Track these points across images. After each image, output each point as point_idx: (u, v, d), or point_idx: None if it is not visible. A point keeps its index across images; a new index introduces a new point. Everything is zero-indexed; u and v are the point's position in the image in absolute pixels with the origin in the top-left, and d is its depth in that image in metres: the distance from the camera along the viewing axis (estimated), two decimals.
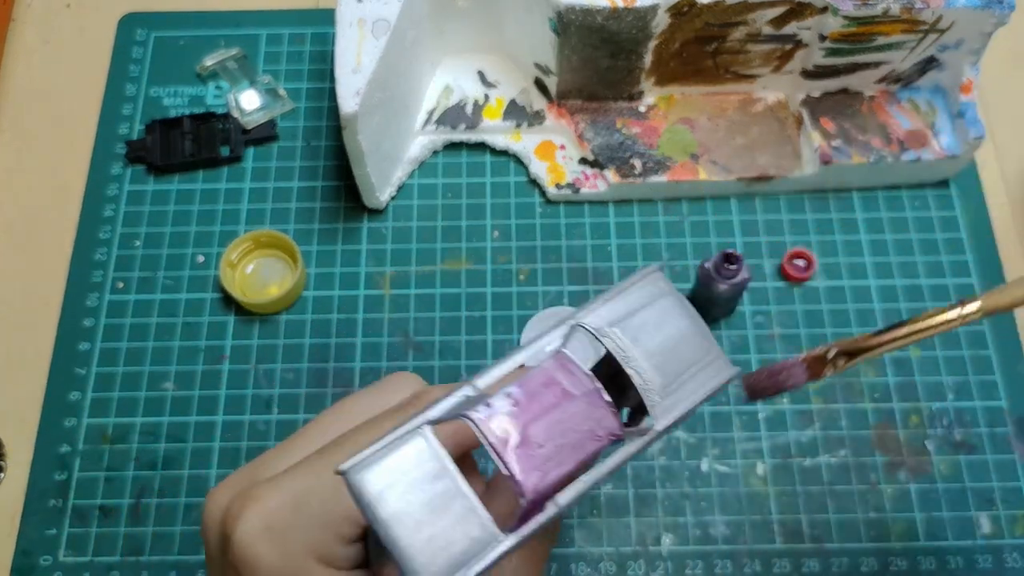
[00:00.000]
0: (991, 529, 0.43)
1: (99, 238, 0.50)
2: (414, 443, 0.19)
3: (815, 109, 0.50)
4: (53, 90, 0.55)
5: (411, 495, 0.19)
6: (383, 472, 0.19)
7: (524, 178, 0.51)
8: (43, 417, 0.46)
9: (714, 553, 0.43)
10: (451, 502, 0.19)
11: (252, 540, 0.22)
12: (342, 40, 0.43)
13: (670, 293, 0.23)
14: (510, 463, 0.19)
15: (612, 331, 0.21)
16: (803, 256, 0.48)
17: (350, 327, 0.47)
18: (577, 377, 0.20)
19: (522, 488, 0.19)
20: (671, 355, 0.22)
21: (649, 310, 0.22)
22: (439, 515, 0.19)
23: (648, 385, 0.21)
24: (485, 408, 0.19)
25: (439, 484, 0.19)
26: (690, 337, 0.22)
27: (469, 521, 0.19)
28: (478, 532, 0.19)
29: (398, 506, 0.19)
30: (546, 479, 0.19)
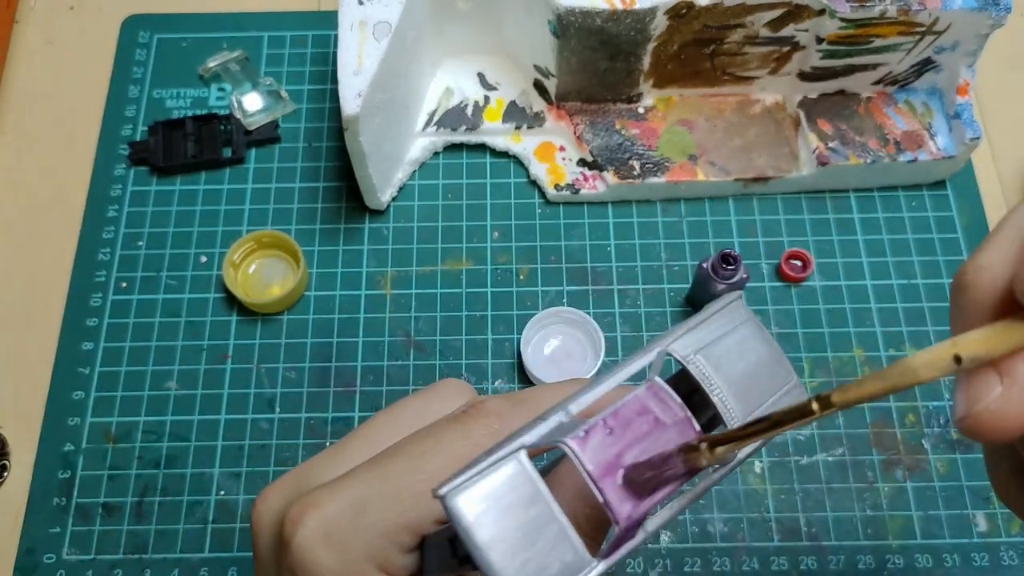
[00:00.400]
0: (987, 527, 0.43)
1: (102, 238, 0.50)
2: (508, 467, 0.20)
3: (812, 111, 0.50)
4: (56, 91, 0.55)
5: (506, 520, 0.19)
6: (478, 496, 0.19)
7: (524, 179, 0.52)
8: (47, 416, 0.46)
9: (712, 550, 0.43)
10: (545, 527, 0.19)
11: (312, 546, 0.22)
12: (344, 42, 0.44)
13: (751, 322, 0.23)
14: (606, 491, 0.19)
15: (697, 358, 0.22)
16: (800, 257, 0.49)
17: (352, 327, 0.48)
18: (669, 406, 0.21)
19: (616, 516, 0.19)
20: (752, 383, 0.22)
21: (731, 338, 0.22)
22: (533, 540, 0.19)
23: (731, 413, 0.21)
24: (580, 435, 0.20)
25: (533, 509, 0.19)
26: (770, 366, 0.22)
27: (562, 546, 0.19)
28: (571, 557, 0.19)
29: (494, 531, 0.19)
30: (639, 507, 0.19)
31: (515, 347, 0.47)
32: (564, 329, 0.47)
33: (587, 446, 0.19)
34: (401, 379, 0.47)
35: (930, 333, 0.48)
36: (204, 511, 0.44)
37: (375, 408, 0.46)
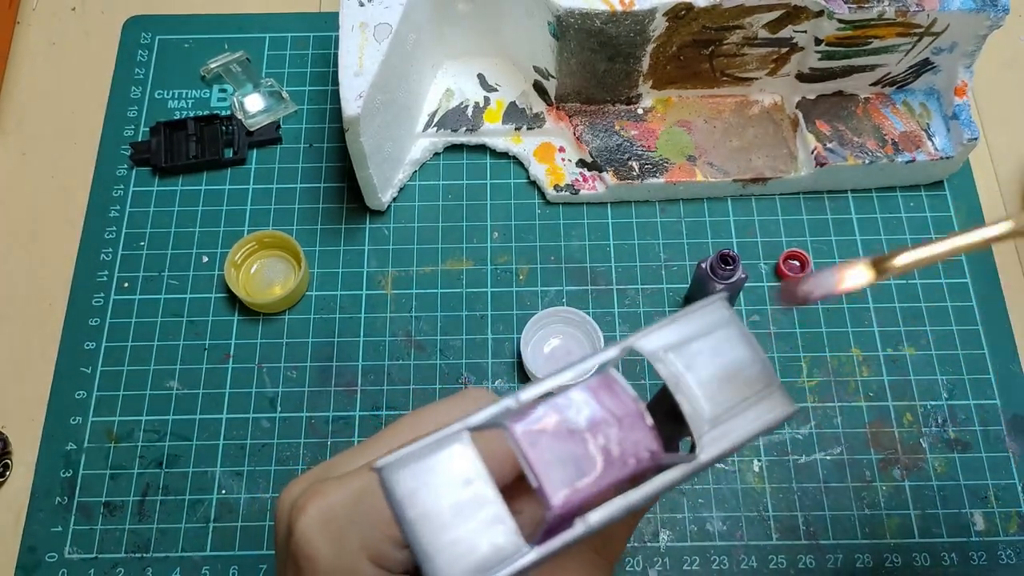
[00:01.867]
0: (985, 526, 0.44)
1: (104, 238, 0.50)
2: (452, 447, 0.19)
3: (810, 111, 0.51)
4: (58, 92, 0.55)
5: (441, 497, 0.19)
6: (417, 472, 0.19)
7: (524, 180, 0.52)
8: (49, 415, 0.46)
9: (711, 549, 0.43)
10: (480, 508, 0.19)
11: (311, 533, 0.23)
12: (345, 44, 0.44)
13: (732, 323, 0.22)
14: (540, 475, 0.19)
15: (666, 356, 0.21)
16: (798, 257, 0.49)
17: (353, 326, 0.48)
18: (620, 397, 0.20)
19: (549, 501, 0.19)
20: (725, 385, 0.21)
21: (708, 338, 0.21)
22: (466, 520, 0.19)
23: (697, 414, 0.21)
24: (523, 419, 0.19)
25: (470, 489, 0.19)
26: (747, 369, 0.21)
27: (495, 529, 0.19)
28: (502, 540, 0.19)
29: (426, 507, 0.19)
30: (575, 495, 0.19)
31: (515, 347, 0.47)
32: (564, 329, 0.47)
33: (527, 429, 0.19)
34: (402, 379, 0.47)
35: (928, 333, 0.48)
36: (206, 510, 0.44)
37: (376, 407, 0.46)
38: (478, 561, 0.18)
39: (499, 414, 0.20)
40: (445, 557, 0.18)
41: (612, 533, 0.25)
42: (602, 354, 0.21)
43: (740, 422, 0.21)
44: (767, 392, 0.21)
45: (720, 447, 0.21)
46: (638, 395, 0.20)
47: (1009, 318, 0.48)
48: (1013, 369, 0.47)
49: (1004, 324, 0.48)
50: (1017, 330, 0.48)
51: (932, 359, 0.47)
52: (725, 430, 0.21)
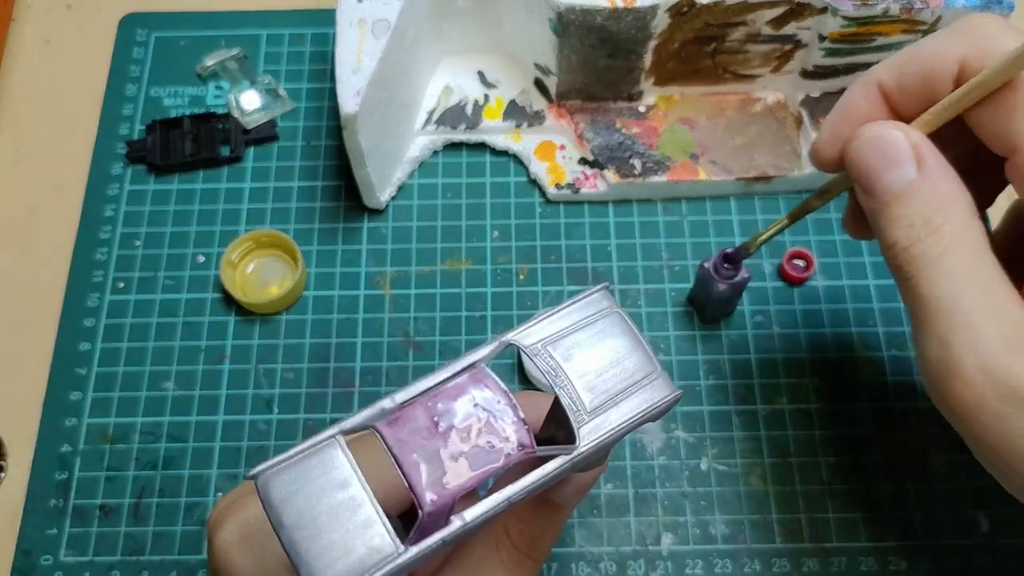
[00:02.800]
0: (989, 528, 0.43)
1: (99, 238, 0.50)
2: (326, 452, 0.20)
3: (814, 109, 0.50)
4: (53, 90, 0.55)
5: (316, 502, 0.19)
6: (292, 479, 0.19)
7: (524, 178, 0.51)
8: (44, 417, 0.46)
9: (714, 552, 0.43)
10: (355, 511, 0.19)
11: (229, 548, 0.23)
12: (342, 40, 0.43)
13: (612, 311, 0.22)
14: (410, 475, 0.19)
15: (545, 349, 0.21)
16: (802, 256, 0.48)
17: (351, 327, 0.48)
18: (491, 391, 0.20)
19: (422, 500, 0.19)
20: (605, 376, 0.21)
21: (587, 330, 0.22)
22: (341, 523, 0.19)
23: (575, 406, 0.21)
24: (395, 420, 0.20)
25: (344, 493, 0.19)
26: (628, 358, 0.22)
27: (370, 530, 0.19)
28: (378, 542, 0.19)
29: (301, 512, 0.19)
30: (447, 491, 0.19)
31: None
32: None
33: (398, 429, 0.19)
34: (400, 380, 0.46)
35: None
36: (202, 513, 0.44)
37: None
38: (354, 563, 0.19)
39: (372, 415, 0.20)
40: (321, 562, 0.18)
41: (537, 530, 0.25)
42: (476, 353, 0.21)
43: (621, 410, 0.21)
44: (648, 380, 0.22)
45: (597, 435, 0.21)
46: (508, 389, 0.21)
47: None
48: None
49: None
50: None
51: None
52: (604, 420, 0.21)
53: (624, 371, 0.22)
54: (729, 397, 0.46)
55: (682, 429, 0.45)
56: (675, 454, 0.45)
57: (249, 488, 0.25)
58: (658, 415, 0.22)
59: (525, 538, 0.24)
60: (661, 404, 0.22)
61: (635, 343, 0.22)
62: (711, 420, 0.45)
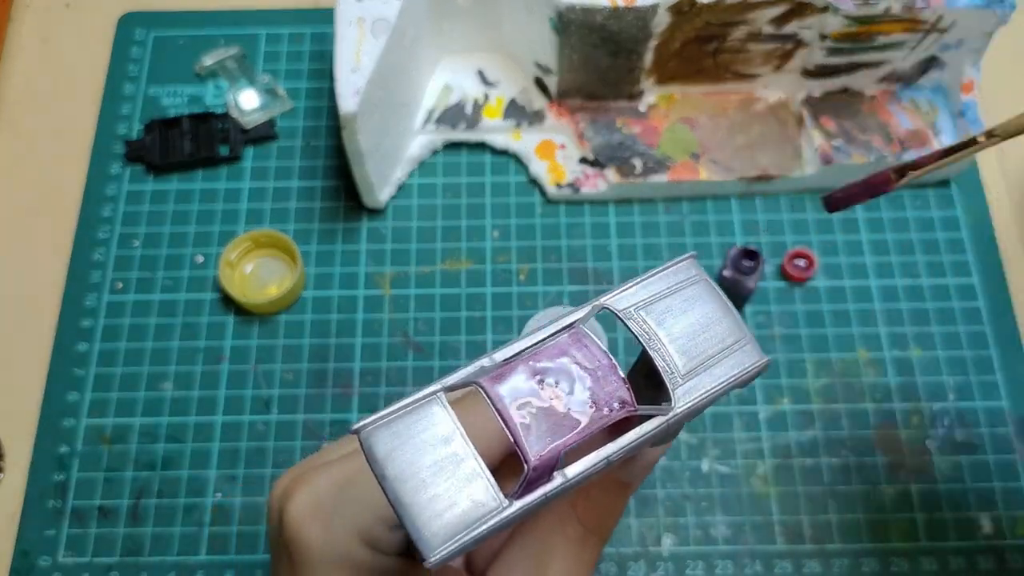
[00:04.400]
0: (992, 530, 0.43)
1: (98, 238, 0.50)
2: (428, 408, 0.20)
3: (816, 108, 0.50)
4: (52, 89, 0.55)
5: (419, 456, 0.19)
6: (395, 433, 0.19)
7: (524, 178, 0.51)
8: (42, 418, 0.45)
9: (715, 554, 0.43)
10: (458, 465, 0.19)
11: (301, 519, 0.23)
12: (341, 39, 0.43)
13: (701, 279, 0.23)
14: (515, 431, 0.19)
15: (637, 313, 0.22)
16: (804, 256, 0.48)
17: (350, 327, 0.47)
18: (591, 351, 0.21)
19: (526, 455, 0.19)
20: (697, 340, 0.22)
21: (678, 295, 0.22)
22: (445, 477, 0.19)
23: (670, 368, 0.21)
24: (497, 377, 0.20)
25: (448, 447, 0.19)
26: (718, 323, 0.22)
27: (474, 484, 0.19)
28: (482, 496, 0.19)
29: (405, 466, 0.19)
30: (551, 447, 0.19)
31: None
32: None
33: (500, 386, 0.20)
34: (399, 380, 0.46)
35: (935, 335, 0.47)
36: (201, 513, 0.43)
37: (373, 409, 0.45)
38: (459, 516, 0.19)
39: (474, 373, 0.20)
40: (425, 514, 0.19)
41: (604, 507, 0.25)
42: (574, 313, 0.22)
43: (713, 374, 0.22)
44: (738, 346, 0.22)
45: (691, 397, 0.21)
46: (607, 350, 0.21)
47: (1016, 319, 0.48)
48: (1020, 371, 0.46)
49: (1011, 325, 0.47)
50: None
51: (939, 360, 0.47)
52: (698, 383, 0.21)
53: (715, 336, 0.22)
54: (730, 398, 0.46)
55: (683, 430, 0.45)
56: (676, 455, 0.44)
57: (312, 462, 0.25)
58: (747, 380, 0.22)
59: (592, 515, 0.24)
60: (752, 369, 0.22)
61: (724, 309, 0.22)
62: (712, 421, 0.45)
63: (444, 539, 0.18)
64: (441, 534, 0.19)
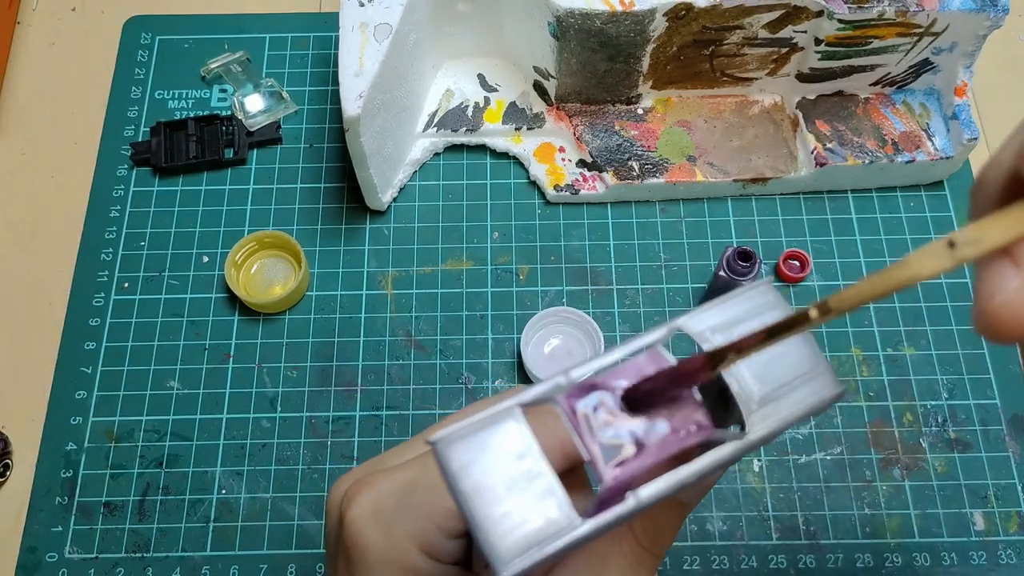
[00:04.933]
0: (985, 526, 0.44)
1: (105, 239, 0.50)
2: (504, 423, 0.20)
3: (810, 111, 0.51)
4: (59, 93, 0.55)
5: (494, 471, 0.19)
6: (470, 446, 0.19)
7: (524, 180, 0.52)
8: (49, 415, 0.46)
9: (711, 549, 0.43)
10: (532, 482, 0.19)
11: (362, 522, 0.23)
12: (345, 44, 0.44)
13: (778, 305, 0.22)
14: (591, 448, 0.19)
15: (713, 337, 0.21)
16: (798, 257, 0.49)
17: (353, 326, 0.48)
18: None
19: (601, 475, 0.19)
20: (773, 366, 0.21)
21: (754, 321, 0.22)
22: (519, 493, 0.19)
23: (745, 394, 0.21)
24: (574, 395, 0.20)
25: (522, 464, 0.19)
26: (795, 351, 0.22)
27: (547, 502, 0.19)
28: (555, 514, 0.19)
29: (479, 480, 0.19)
30: (626, 469, 0.19)
31: (515, 347, 0.47)
32: (564, 329, 0.47)
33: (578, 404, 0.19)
34: (402, 378, 0.47)
35: (928, 333, 0.48)
36: (206, 510, 0.44)
37: (376, 407, 0.46)
38: (531, 533, 0.19)
39: (550, 390, 0.20)
40: (499, 529, 0.18)
41: (661, 526, 0.25)
42: (650, 334, 0.21)
43: (788, 402, 0.21)
44: (815, 373, 0.21)
45: (769, 425, 0.21)
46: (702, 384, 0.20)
47: None
48: (1013, 369, 0.47)
49: None
50: None
51: (932, 359, 0.47)
52: (772, 410, 0.21)
53: (790, 363, 0.21)
54: None
55: None
56: None
57: (375, 466, 0.25)
58: (822, 409, 0.22)
59: (648, 533, 0.24)
60: (827, 399, 0.22)
61: (802, 336, 0.22)
62: None
63: (517, 555, 0.18)
64: (514, 550, 0.18)
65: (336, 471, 0.45)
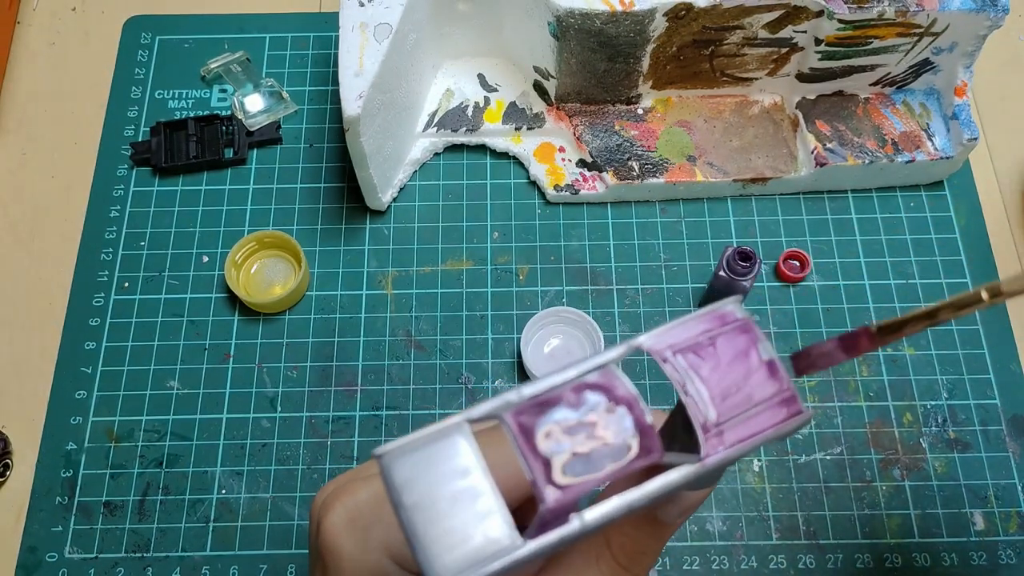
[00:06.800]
0: (985, 526, 0.44)
1: (105, 238, 0.50)
2: (452, 438, 0.19)
3: (810, 111, 0.51)
4: (59, 92, 0.55)
5: (437, 487, 0.19)
6: (415, 461, 0.19)
7: (524, 180, 0.52)
8: (49, 415, 0.46)
9: (711, 549, 0.43)
10: (475, 500, 0.19)
11: (337, 530, 0.23)
12: (345, 44, 0.44)
13: (745, 324, 0.22)
14: (533, 468, 0.19)
15: (674, 357, 0.21)
16: (798, 257, 0.49)
17: (353, 326, 0.48)
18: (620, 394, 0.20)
19: (542, 494, 0.18)
20: (735, 388, 0.21)
21: (719, 340, 0.21)
22: (461, 510, 0.19)
23: (703, 416, 0.20)
24: (522, 413, 0.19)
25: (467, 480, 0.19)
26: (758, 373, 0.21)
27: (490, 520, 0.19)
28: (497, 533, 0.19)
29: (422, 495, 0.19)
30: (570, 489, 0.19)
31: (515, 347, 0.47)
32: (564, 329, 0.47)
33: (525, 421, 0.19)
34: (402, 378, 0.47)
35: (928, 333, 0.48)
36: (206, 510, 0.44)
37: (376, 407, 0.46)
38: (471, 552, 0.18)
39: (499, 406, 0.20)
40: (439, 546, 0.18)
41: (641, 546, 0.24)
42: (606, 353, 0.21)
43: (748, 426, 0.21)
44: (779, 397, 0.21)
45: (724, 448, 0.20)
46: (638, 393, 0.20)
47: (1009, 318, 0.48)
48: (1013, 369, 0.47)
49: (1004, 324, 0.48)
50: (1017, 330, 0.48)
51: (932, 359, 0.47)
52: (732, 434, 0.20)
53: (754, 384, 0.21)
54: None
55: None
56: None
57: (357, 474, 0.25)
58: (786, 434, 0.21)
59: (627, 552, 0.24)
60: (790, 424, 0.21)
61: (767, 360, 0.21)
62: None
63: (454, 573, 0.18)
64: (452, 568, 0.18)
65: (336, 471, 0.45)
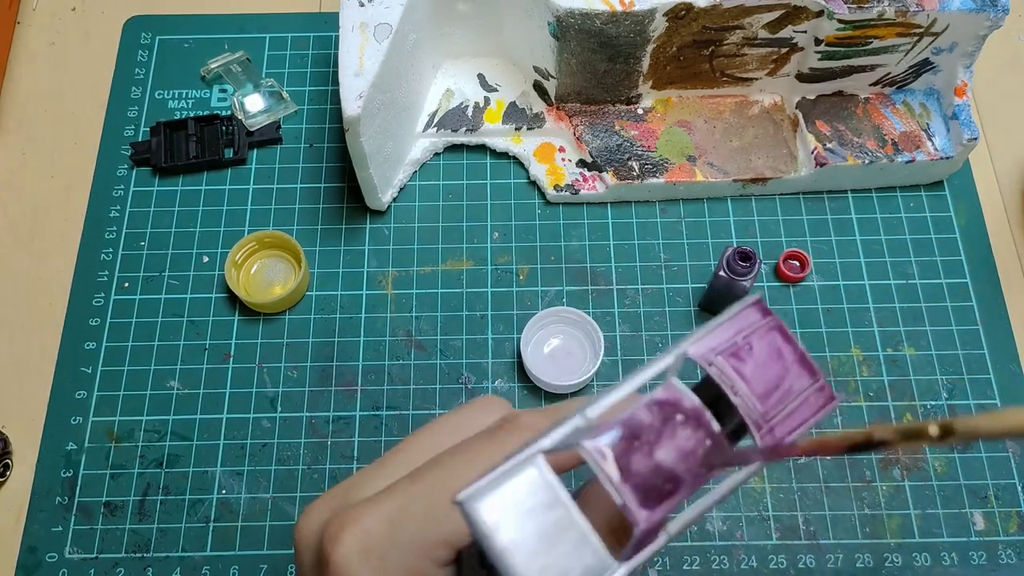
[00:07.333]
0: (985, 526, 0.44)
1: (105, 238, 0.50)
2: (527, 472, 0.20)
3: (810, 112, 0.51)
4: (59, 93, 0.55)
5: (525, 525, 0.19)
6: (498, 501, 0.19)
7: (524, 180, 0.52)
8: (49, 415, 0.46)
9: (711, 549, 0.43)
10: (565, 532, 0.19)
11: (350, 563, 0.22)
12: (345, 44, 0.44)
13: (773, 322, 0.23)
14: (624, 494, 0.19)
15: (717, 359, 0.22)
16: (798, 257, 0.49)
17: (353, 326, 0.48)
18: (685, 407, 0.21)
19: (635, 518, 0.19)
20: (774, 384, 0.22)
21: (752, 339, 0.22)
22: (553, 545, 0.19)
23: (752, 415, 0.21)
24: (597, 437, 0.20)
25: (553, 513, 0.19)
26: (792, 366, 0.22)
27: (583, 550, 0.19)
28: (592, 561, 0.19)
29: (513, 536, 0.19)
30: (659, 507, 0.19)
31: (515, 347, 0.47)
32: (564, 329, 0.47)
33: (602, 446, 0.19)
34: (402, 378, 0.47)
35: (928, 333, 0.48)
36: (206, 510, 0.44)
37: (376, 407, 0.46)
38: None
39: (570, 435, 0.20)
40: None
41: None
42: (659, 363, 0.21)
43: (792, 418, 0.21)
44: (813, 388, 0.22)
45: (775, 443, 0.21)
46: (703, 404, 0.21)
47: (1009, 318, 0.48)
48: (1013, 369, 0.47)
49: (1004, 324, 0.48)
50: (1017, 330, 0.48)
51: (932, 359, 0.47)
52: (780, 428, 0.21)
53: (790, 379, 0.22)
54: None
55: None
56: None
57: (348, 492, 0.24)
58: (820, 420, 0.22)
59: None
60: (826, 410, 0.22)
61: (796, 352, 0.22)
62: None
63: None
64: None
65: (336, 471, 0.45)
